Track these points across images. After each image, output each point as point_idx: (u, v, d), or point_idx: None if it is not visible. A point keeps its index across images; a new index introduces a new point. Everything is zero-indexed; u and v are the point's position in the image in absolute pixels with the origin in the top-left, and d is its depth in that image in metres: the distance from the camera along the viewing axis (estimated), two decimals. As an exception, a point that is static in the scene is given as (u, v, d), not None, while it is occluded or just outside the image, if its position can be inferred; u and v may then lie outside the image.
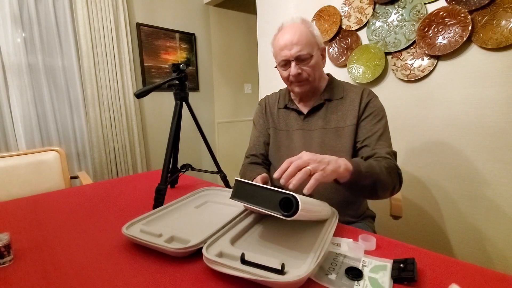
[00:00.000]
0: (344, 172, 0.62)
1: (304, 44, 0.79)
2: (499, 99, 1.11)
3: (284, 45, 0.80)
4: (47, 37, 1.81)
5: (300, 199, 0.48)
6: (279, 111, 0.96)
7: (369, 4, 1.44)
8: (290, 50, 0.79)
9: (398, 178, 0.75)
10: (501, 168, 1.13)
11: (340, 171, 0.61)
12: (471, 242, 1.26)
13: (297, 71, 0.81)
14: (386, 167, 0.71)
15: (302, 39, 0.79)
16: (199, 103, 2.73)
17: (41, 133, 1.82)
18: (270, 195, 0.52)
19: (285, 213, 0.49)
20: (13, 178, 1.31)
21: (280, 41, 0.82)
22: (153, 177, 1.23)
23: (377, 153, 0.76)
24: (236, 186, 0.60)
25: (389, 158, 0.74)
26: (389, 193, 0.74)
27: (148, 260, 0.56)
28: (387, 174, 0.70)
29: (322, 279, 0.49)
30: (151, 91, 0.84)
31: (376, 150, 0.77)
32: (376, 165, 0.69)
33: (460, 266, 0.52)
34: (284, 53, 0.81)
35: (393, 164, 0.73)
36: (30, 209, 0.87)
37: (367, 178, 0.67)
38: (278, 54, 0.84)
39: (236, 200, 0.59)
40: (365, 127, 0.81)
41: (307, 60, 0.80)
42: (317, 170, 0.57)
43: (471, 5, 1.11)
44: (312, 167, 0.56)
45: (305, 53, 0.79)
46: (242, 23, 2.98)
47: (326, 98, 0.87)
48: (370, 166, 0.68)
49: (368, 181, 0.67)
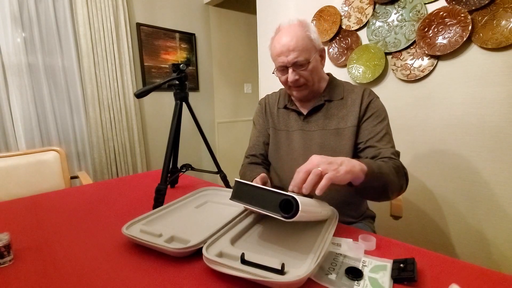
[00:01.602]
0: (359, 173, 0.61)
1: (301, 50, 0.78)
2: (499, 99, 1.11)
3: (280, 52, 0.79)
4: (47, 37, 1.81)
5: (300, 200, 0.48)
6: (279, 111, 0.96)
7: (369, 4, 1.44)
8: (287, 56, 0.78)
9: (405, 178, 0.74)
10: (501, 168, 1.13)
11: (356, 171, 0.60)
12: (471, 242, 1.26)
13: (295, 78, 0.80)
14: (394, 167, 0.70)
15: (299, 44, 0.77)
16: (199, 103, 2.73)
17: (41, 133, 1.82)
18: (270, 196, 0.52)
19: (285, 214, 0.49)
20: (13, 178, 1.31)
21: (276, 46, 0.81)
22: (153, 177, 1.23)
23: (381, 154, 0.75)
24: (236, 187, 0.60)
25: (394, 159, 0.74)
26: (397, 193, 0.73)
27: (148, 260, 0.56)
28: (396, 174, 0.69)
29: (322, 279, 0.49)
30: (151, 91, 0.84)
31: (381, 151, 0.76)
32: (385, 166, 0.69)
33: (460, 266, 0.52)
34: (281, 59, 0.80)
35: (399, 164, 0.73)
36: (30, 209, 0.87)
37: (380, 179, 0.66)
38: (275, 60, 0.83)
39: (236, 201, 0.59)
40: (367, 128, 0.81)
41: (304, 65, 0.80)
42: (328, 170, 0.56)
43: (471, 5, 1.11)
44: (323, 168, 0.56)
45: (302, 59, 0.78)
46: (242, 23, 2.98)
47: (326, 99, 0.86)
48: (380, 167, 0.67)
49: (380, 182, 0.66)
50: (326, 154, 0.84)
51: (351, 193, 0.87)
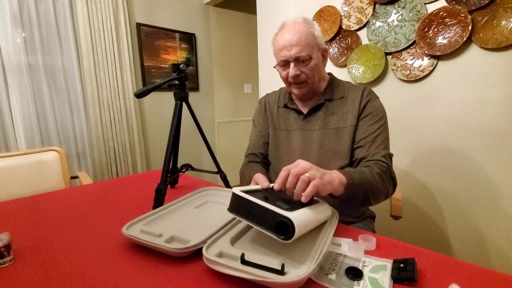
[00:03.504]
0: (338, 185, 0.62)
1: (304, 45, 0.78)
2: (499, 99, 1.11)
3: (283, 46, 0.80)
4: (47, 37, 1.81)
5: (297, 221, 0.47)
6: (279, 110, 0.95)
7: (369, 4, 1.44)
8: (289, 51, 0.79)
9: (392, 181, 0.74)
10: (501, 168, 1.13)
11: (335, 185, 0.61)
12: (471, 242, 1.25)
13: (296, 73, 0.80)
14: (379, 172, 0.70)
15: (302, 40, 0.78)
16: (199, 103, 2.73)
17: (41, 133, 1.82)
18: (266, 213, 0.51)
19: (281, 236, 0.48)
20: (13, 178, 1.31)
21: (279, 41, 0.81)
22: (153, 177, 1.23)
23: (370, 156, 0.75)
24: (233, 199, 0.58)
25: (382, 162, 0.74)
26: (383, 198, 0.73)
27: (148, 260, 0.56)
28: (379, 180, 0.70)
29: (322, 279, 0.49)
30: (151, 91, 0.84)
31: (370, 152, 0.76)
32: (368, 173, 0.69)
33: (460, 266, 0.52)
34: (283, 53, 0.80)
35: (385, 169, 0.73)
36: (30, 209, 0.87)
37: (360, 189, 0.67)
38: (277, 54, 0.83)
39: (234, 214, 0.57)
40: (361, 127, 0.81)
41: (306, 61, 0.80)
42: (315, 177, 0.56)
43: (471, 5, 1.11)
44: (310, 174, 0.56)
45: (304, 54, 0.78)
46: (242, 23, 2.98)
47: (327, 98, 0.86)
48: (363, 175, 0.68)
49: (362, 191, 0.67)
50: (325, 153, 0.84)
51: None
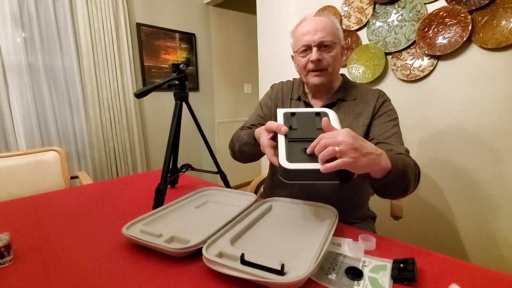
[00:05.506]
0: (381, 171, 0.58)
1: (329, 32, 0.79)
2: (499, 99, 1.11)
3: (307, 31, 0.79)
4: (47, 37, 1.81)
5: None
6: (291, 102, 0.93)
7: (369, 4, 1.44)
8: (314, 35, 0.78)
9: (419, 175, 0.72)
10: (501, 168, 1.13)
11: (377, 169, 0.57)
12: (471, 242, 1.25)
13: (318, 57, 0.78)
14: (414, 164, 0.68)
15: (327, 27, 0.79)
16: (199, 103, 2.73)
17: (41, 133, 1.82)
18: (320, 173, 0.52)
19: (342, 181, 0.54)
20: (13, 178, 1.31)
21: (303, 27, 0.81)
22: (153, 177, 1.23)
23: (394, 150, 0.73)
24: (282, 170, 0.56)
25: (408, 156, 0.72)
26: (411, 191, 0.69)
27: (148, 260, 0.56)
28: (415, 172, 0.67)
29: (322, 279, 0.49)
30: (151, 91, 0.84)
31: (393, 147, 0.74)
32: (408, 164, 0.65)
33: (460, 266, 0.52)
34: (306, 38, 0.79)
35: (415, 162, 0.71)
36: (30, 209, 0.87)
37: (403, 178, 0.62)
38: (299, 40, 0.82)
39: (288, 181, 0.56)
40: (378, 125, 0.80)
41: (329, 47, 0.79)
42: (345, 155, 0.51)
43: (471, 5, 1.11)
44: (341, 150, 0.50)
45: (328, 39, 0.78)
46: (242, 23, 2.98)
47: (339, 98, 0.85)
48: (406, 164, 0.63)
49: (403, 181, 0.63)
50: None
51: (352, 194, 0.87)
